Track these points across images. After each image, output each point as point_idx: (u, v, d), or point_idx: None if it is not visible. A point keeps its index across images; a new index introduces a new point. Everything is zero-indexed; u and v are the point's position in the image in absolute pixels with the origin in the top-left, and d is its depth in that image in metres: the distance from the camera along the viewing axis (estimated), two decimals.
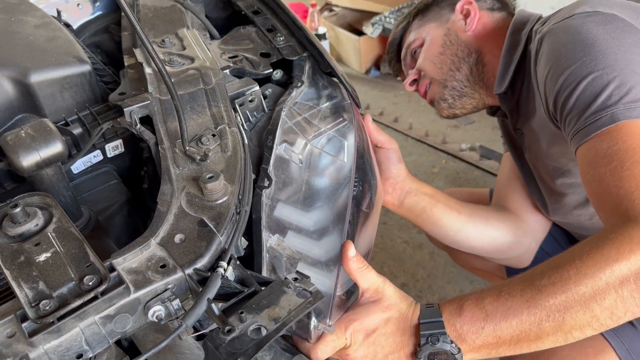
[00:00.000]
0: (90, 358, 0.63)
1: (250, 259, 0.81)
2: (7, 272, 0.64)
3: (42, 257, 0.66)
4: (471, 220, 1.24)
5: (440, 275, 1.97)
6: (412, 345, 0.78)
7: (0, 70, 0.87)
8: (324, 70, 1.04)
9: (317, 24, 3.34)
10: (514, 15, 1.17)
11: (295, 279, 0.69)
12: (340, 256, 0.82)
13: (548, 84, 0.93)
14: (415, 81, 1.30)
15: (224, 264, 0.68)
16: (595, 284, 0.69)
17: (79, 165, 0.98)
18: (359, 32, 3.31)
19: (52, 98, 0.91)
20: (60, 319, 0.60)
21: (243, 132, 0.88)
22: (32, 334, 0.59)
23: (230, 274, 0.69)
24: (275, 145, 0.89)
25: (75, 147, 0.92)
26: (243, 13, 1.13)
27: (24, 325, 0.60)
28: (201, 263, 0.68)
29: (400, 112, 2.96)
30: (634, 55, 0.85)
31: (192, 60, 0.95)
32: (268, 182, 0.85)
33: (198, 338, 0.73)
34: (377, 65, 3.34)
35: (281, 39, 1.07)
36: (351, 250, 0.80)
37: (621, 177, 0.77)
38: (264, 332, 0.61)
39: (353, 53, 3.34)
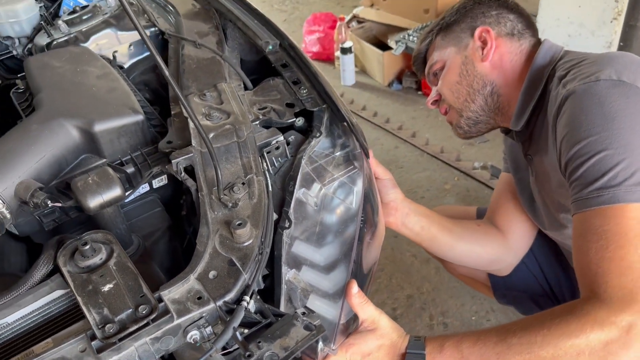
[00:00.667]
0: None
1: (271, 289, 0.98)
2: (79, 298, 0.83)
3: (106, 288, 0.84)
4: (462, 238, 1.39)
5: (444, 289, 2.12)
6: None
7: (70, 120, 1.05)
8: (340, 121, 1.19)
9: (344, 37, 3.49)
10: (534, 40, 1.21)
11: (304, 313, 0.87)
12: (345, 292, 0.98)
13: (564, 145, 1.00)
14: (436, 101, 1.37)
15: (247, 297, 0.86)
16: (555, 352, 0.83)
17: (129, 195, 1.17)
18: (385, 45, 3.45)
19: (110, 143, 1.09)
20: (121, 339, 0.78)
21: (268, 178, 1.05)
22: (99, 350, 0.77)
23: (252, 306, 0.87)
24: (295, 190, 1.05)
25: (129, 183, 1.10)
26: (273, 66, 1.29)
27: (92, 343, 0.78)
28: (229, 297, 0.85)
29: (419, 127, 3.10)
30: None
31: (228, 115, 1.12)
32: (289, 224, 1.01)
33: (224, 354, 0.90)
34: (399, 78, 3.47)
35: (304, 91, 1.23)
36: (354, 288, 0.97)
37: (603, 257, 0.87)
38: (275, 358, 0.79)
39: (377, 66, 3.48)
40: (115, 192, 0.96)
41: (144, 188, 1.17)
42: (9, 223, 0.99)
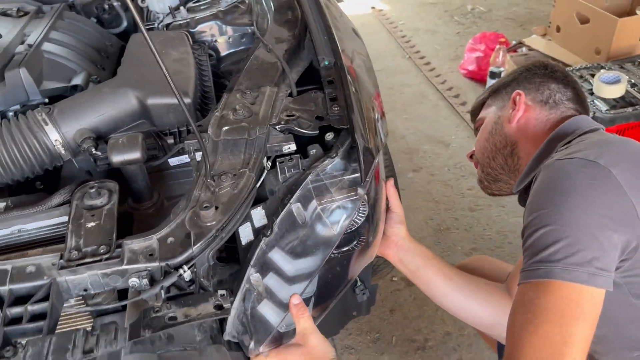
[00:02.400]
0: (92, 294, 1.04)
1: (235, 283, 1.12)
2: (69, 226, 1.07)
3: (90, 224, 1.08)
4: (460, 289, 1.35)
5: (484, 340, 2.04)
6: None
7: (132, 90, 1.31)
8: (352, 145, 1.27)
9: (500, 61, 3.37)
10: (571, 112, 1.20)
11: (222, 295, 1.01)
12: (289, 302, 1.08)
13: (525, 214, 1.02)
14: (472, 155, 1.42)
15: (186, 267, 1.02)
16: None
17: (174, 161, 1.41)
18: None
19: (160, 116, 1.33)
20: (78, 265, 1.00)
21: (260, 178, 1.18)
22: (61, 268, 1.00)
23: (187, 275, 1.03)
24: (290, 204, 1.15)
25: (165, 151, 1.33)
26: (321, 80, 1.40)
27: (60, 261, 1.01)
28: (173, 261, 1.03)
29: None
30: (602, 218, 0.90)
31: (251, 115, 1.27)
32: (270, 232, 1.12)
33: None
34: None
35: (336, 109, 1.33)
36: (295, 299, 1.05)
37: (526, 331, 0.87)
38: (173, 320, 0.95)
39: None
40: (136, 155, 1.19)
41: (185, 159, 1.40)
42: (66, 158, 1.29)
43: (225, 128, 1.24)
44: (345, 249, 1.23)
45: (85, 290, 1.03)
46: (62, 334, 0.93)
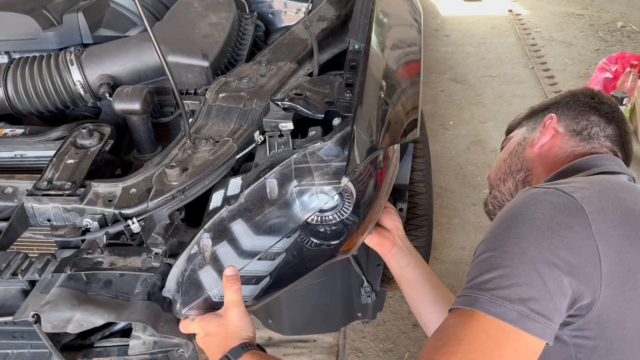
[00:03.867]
0: (55, 225, 1.10)
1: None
2: (53, 158, 1.14)
3: (70, 161, 1.14)
4: (438, 302, 1.23)
5: None
6: None
7: (161, 45, 1.35)
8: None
9: (628, 86, 2.97)
10: (604, 150, 1.06)
11: (157, 254, 1.01)
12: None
13: None
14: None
15: (135, 220, 1.04)
16: None
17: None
18: None
19: (178, 74, 1.36)
20: (42, 195, 1.07)
21: (246, 150, 1.16)
22: (29, 194, 1.07)
23: (136, 227, 1.05)
24: (264, 178, 1.12)
25: (175, 109, 1.36)
26: (344, 62, 1.34)
27: (30, 188, 1.09)
28: (126, 211, 1.05)
29: None
30: (554, 257, 0.76)
31: (255, 85, 1.25)
32: (234, 201, 1.11)
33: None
34: None
35: (348, 95, 1.26)
36: (229, 270, 1.01)
37: (434, 358, 0.76)
38: (98, 265, 0.97)
39: None
40: (135, 105, 1.23)
41: None
42: (87, 100, 1.38)
43: (222, 94, 1.23)
44: (332, 243, 1.16)
45: (49, 220, 1.09)
46: (4, 253, 1.00)
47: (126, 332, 1.18)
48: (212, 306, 1.06)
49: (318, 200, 1.10)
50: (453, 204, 2.65)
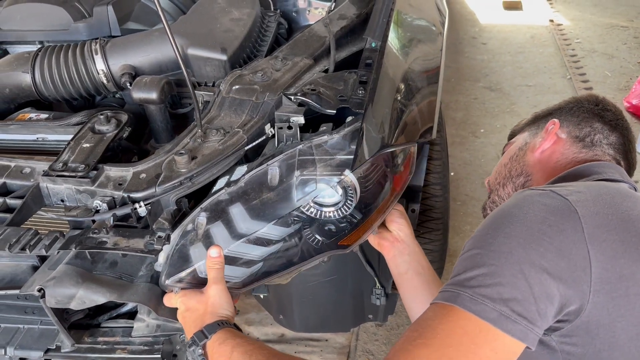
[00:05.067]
0: (69, 206, 1.14)
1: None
2: (71, 142, 1.18)
3: (85, 145, 1.18)
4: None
5: None
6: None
7: (181, 38, 1.38)
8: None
9: None
10: (606, 158, 1.04)
11: (159, 237, 1.03)
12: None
13: None
14: None
15: (142, 203, 1.07)
16: None
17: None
18: None
19: (197, 66, 1.39)
20: (57, 175, 1.11)
21: (256, 142, 1.18)
22: (44, 174, 1.12)
23: (142, 210, 1.08)
24: (267, 165, 1.14)
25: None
26: (360, 60, 1.34)
27: (46, 169, 1.13)
28: (134, 195, 1.08)
29: None
30: (542, 259, 0.74)
31: (269, 79, 1.27)
32: (233, 184, 1.13)
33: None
34: None
35: (361, 93, 1.26)
36: (212, 251, 1.00)
37: (404, 347, 0.75)
38: (103, 244, 1.00)
39: None
40: (152, 95, 1.27)
41: None
42: (110, 88, 1.42)
43: (235, 87, 1.25)
44: (330, 238, 1.16)
45: (62, 200, 1.13)
46: (16, 228, 1.04)
47: (132, 315, 1.21)
48: (197, 281, 1.06)
49: (315, 189, 1.10)
50: (478, 212, 2.61)
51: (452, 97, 3.58)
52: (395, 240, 1.26)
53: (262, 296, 1.66)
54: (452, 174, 2.82)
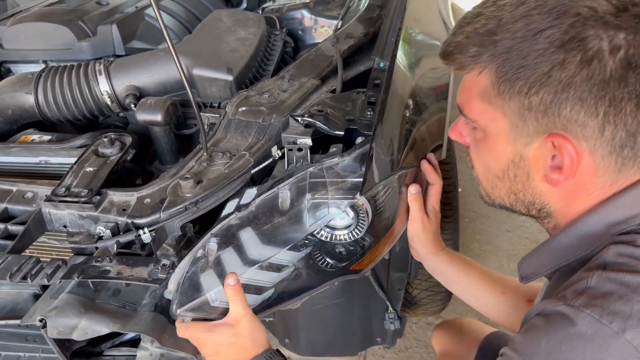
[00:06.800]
0: (71, 231, 1.11)
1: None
2: (74, 166, 1.16)
3: (89, 169, 1.15)
4: (477, 282, 1.22)
5: None
6: None
7: (186, 58, 1.36)
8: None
9: None
10: None
11: (164, 265, 1.00)
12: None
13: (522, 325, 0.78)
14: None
15: (146, 230, 1.04)
16: None
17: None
18: None
19: (203, 87, 1.37)
20: (59, 201, 1.08)
21: (263, 165, 1.15)
22: (47, 200, 1.09)
23: (147, 237, 1.05)
24: (278, 188, 1.12)
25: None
26: (368, 80, 1.31)
27: (49, 194, 1.10)
28: (138, 221, 1.06)
29: None
30: None
31: (275, 100, 1.24)
32: (243, 209, 1.10)
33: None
34: None
35: (369, 114, 1.23)
36: (231, 279, 0.99)
37: None
38: (105, 273, 0.97)
39: None
40: (157, 117, 1.24)
41: None
42: (114, 109, 1.40)
43: (242, 108, 1.23)
44: (341, 261, 1.14)
45: (65, 226, 1.10)
46: (18, 256, 1.01)
47: (136, 343, 1.18)
48: (209, 310, 1.03)
49: (328, 213, 1.08)
50: (486, 229, 2.57)
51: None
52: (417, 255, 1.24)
53: (267, 320, 1.63)
54: (460, 190, 2.79)
